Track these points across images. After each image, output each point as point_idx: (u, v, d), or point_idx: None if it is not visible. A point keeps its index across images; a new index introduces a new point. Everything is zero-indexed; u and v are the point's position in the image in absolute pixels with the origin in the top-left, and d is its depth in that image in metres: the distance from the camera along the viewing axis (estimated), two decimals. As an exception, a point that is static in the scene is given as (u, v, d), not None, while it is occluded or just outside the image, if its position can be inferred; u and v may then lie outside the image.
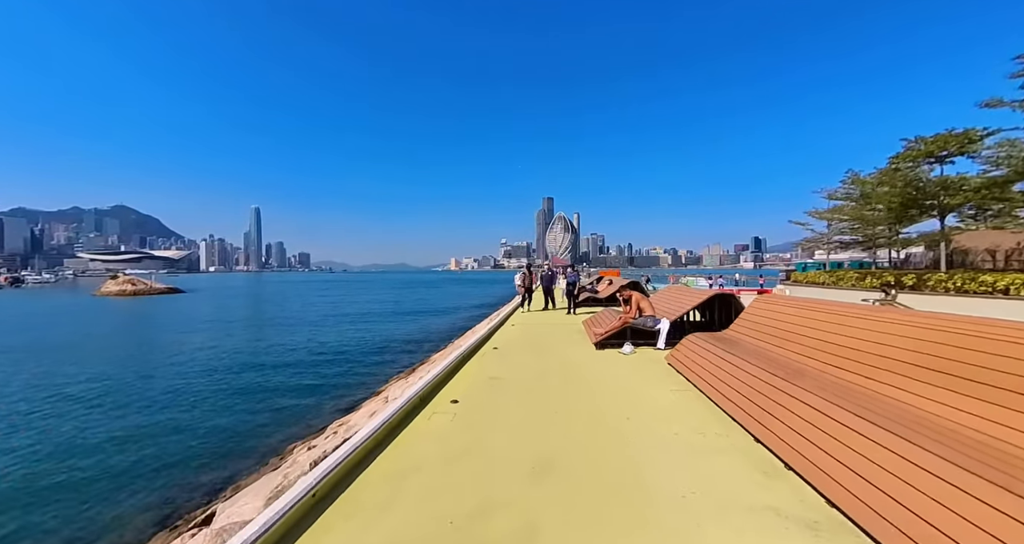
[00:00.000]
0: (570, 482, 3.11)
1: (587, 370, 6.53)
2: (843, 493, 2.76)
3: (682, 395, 5.24)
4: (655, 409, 4.72)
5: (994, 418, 2.74)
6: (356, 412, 8.53)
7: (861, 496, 2.63)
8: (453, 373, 6.33)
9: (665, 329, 7.79)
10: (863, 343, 4.28)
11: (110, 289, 60.38)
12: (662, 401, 5.02)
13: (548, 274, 15.52)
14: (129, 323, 29.23)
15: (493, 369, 6.64)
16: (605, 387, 5.61)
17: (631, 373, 6.33)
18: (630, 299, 8.13)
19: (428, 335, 20.37)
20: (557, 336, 9.79)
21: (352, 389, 11.68)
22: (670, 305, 8.64)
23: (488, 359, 7.40)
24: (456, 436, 4.04)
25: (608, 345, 8.11)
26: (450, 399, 5.05)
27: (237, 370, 13.96)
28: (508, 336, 9.94)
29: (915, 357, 3.54)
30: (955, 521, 2.13)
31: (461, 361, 7.05)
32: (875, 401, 3.44)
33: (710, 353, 5.71)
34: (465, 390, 5.48)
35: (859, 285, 16.02)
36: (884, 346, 3.92)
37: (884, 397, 3.53)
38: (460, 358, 7.08)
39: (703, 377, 5.46)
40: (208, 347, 18.43)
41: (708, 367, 5.50)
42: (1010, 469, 2.23)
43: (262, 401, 10.87)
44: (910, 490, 2.40)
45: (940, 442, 2.59)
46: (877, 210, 17.81)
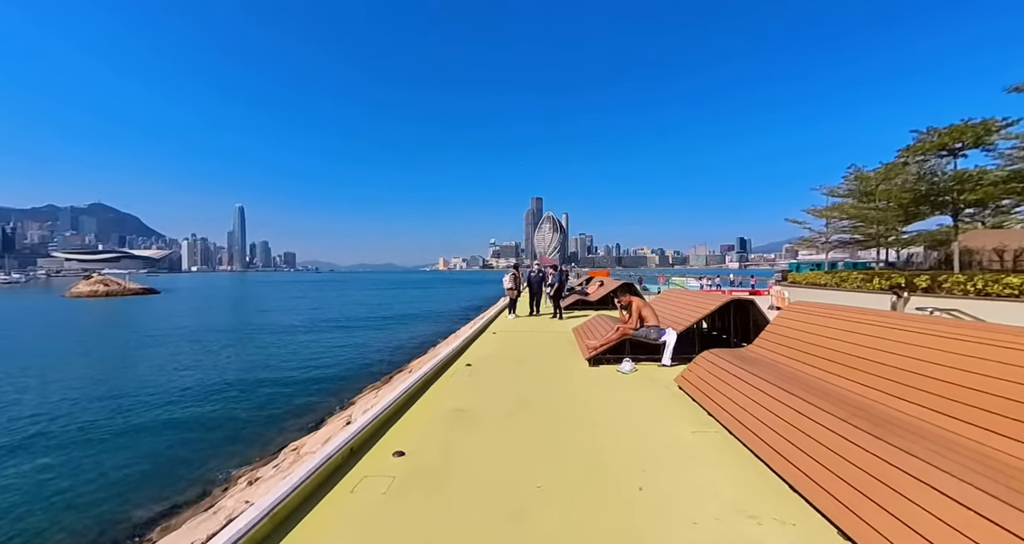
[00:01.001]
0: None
1: (579, 397, 5.21)
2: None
3: (705, 438, 3.95)
4: (674, 464, 3.41)
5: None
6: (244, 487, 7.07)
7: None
8: (407, 405, 4.94)
9: (672, 342, 6.52)
10: (947, 371, 3.07)
11: (81, 290, 57.89)
12: (681, 448, 3.72)
13: (537, 275, 13.50)
14: (85, 327, 27.18)
15: (460, 396, 5.28)
16: (604, 424, 4.30)
17: (635, 401, 5.02)
18: (629, 306, 6.85)
19: (403, 343, 18.65)
20: (543, 347, 8.48)
21: (283, 421, 9.43)
22: (675, 312, 7.38)
23: (457, 381, 6.03)
24: (391, 521, 2.68)
25: (603, 360, 6.82)
26: (392, 450, 3.68)
27: (171, 392, 11.72)
28: (486, 348, 8.59)
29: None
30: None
31: (422, 386, 5.67)
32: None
33: (736, 378, 4.43)
34: (416, 433, 4.11)
35: (865, 287, 15.00)
36: (973, 375, 2.71)
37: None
38: (421, 382, 5.70)
39: (730, 411, 4.17)
40: (161, 355, 16.73)
41: (736, 398, 4.21)
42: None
43: (178, 432, 9.18)
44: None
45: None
46: (880, 208, 16.87)
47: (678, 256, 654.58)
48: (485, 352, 8.13)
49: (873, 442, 2.67)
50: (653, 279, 38.95)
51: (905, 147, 14.73)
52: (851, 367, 4.06)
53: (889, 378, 3.60)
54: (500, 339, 9.56)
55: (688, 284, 37.08)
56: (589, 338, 7.65)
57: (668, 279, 40.62)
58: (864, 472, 2.56)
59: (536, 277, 13.47)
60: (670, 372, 6.26)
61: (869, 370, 3.91)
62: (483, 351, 8.23)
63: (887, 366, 3.69)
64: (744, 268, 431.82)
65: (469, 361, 7.23)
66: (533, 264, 14.33)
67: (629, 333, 6.64)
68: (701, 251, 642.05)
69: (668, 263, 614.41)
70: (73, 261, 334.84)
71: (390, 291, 67.96)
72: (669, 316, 7.21)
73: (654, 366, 6.65)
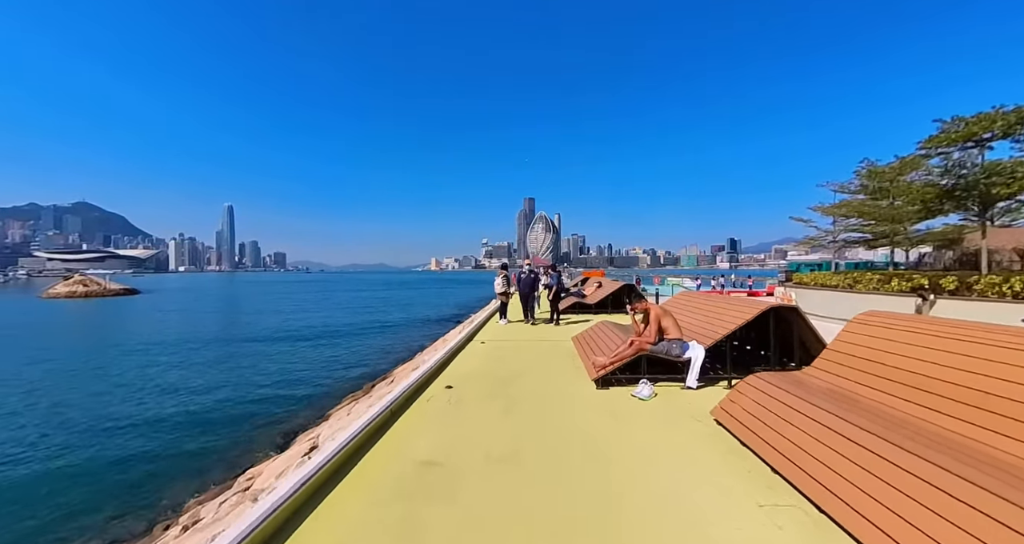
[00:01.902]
0: None
1: (589, 439, 3.95)
2: None
3: (783, 517, 2.70)
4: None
5: None
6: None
7: None
8: (359, 453, 3.65)
9: (699, 360, 5.30)
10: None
11: (58, 291, 55.92)
12: (756, 540, 2.47)
13: (529, 276, 11.51)
14: (47, 331, 25.41)
15: (433, 437, 3.99)
16: (627, 489, 3.04)
17: (665, 447, 3.77)
18: (646, 314, 5.62)
19: (380, 354, 16.84)
20: (539, 361, 7.22)
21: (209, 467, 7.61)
22: (697, 322, 6.16)
23: (432, 412, 4.75)
24: None
25: (613, 381, 5.58)
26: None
27: (104, 417, 9.95)
28: (472, 361, 7.31)
29: None
30: None
31: (386, 420, 4.38)
32: None
33: (814, 422, 3.20)
34: (360, 511, 2.82)
35: (883, 289, 13.92)
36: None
37: None
38: (387, 413, 4.41)
39: (813, 473, 2.93)
40: (116, 367, 15.21)
41: (821, 454, 2.97)
42: None
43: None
44: None
45: None
46: (895, 204, 15.88)
47: (669, 256, 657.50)
48: (471, 367, 6.85)
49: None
50: (647, 279, 37.93)
51: (927, 138, 13.70)
52: (980, 409, 2.87)
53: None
54: (489, 350, 8.28)
55: (683, 284, 36.13)
56: (594, 352, 6.41)
57: (664, 279, 39.62)
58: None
59: (528, 279, 11.51)
60: (698, 398, 5.04)
61: (1007, 412, 2.73)
62: (468, 366, 6.95)
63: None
64: (734, 268, 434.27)
65: (451, 381, 5.95)
66: (524, 264, 12.36)
67: (646, 348, 5.40)
68: (692, 251, 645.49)
69: (660, 263, 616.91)
70: (56, 261, 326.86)
71: (378, 292, 66.28)
72: (691, 326, 5.99)
73: (676, 388, 5.43)
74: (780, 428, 3.40)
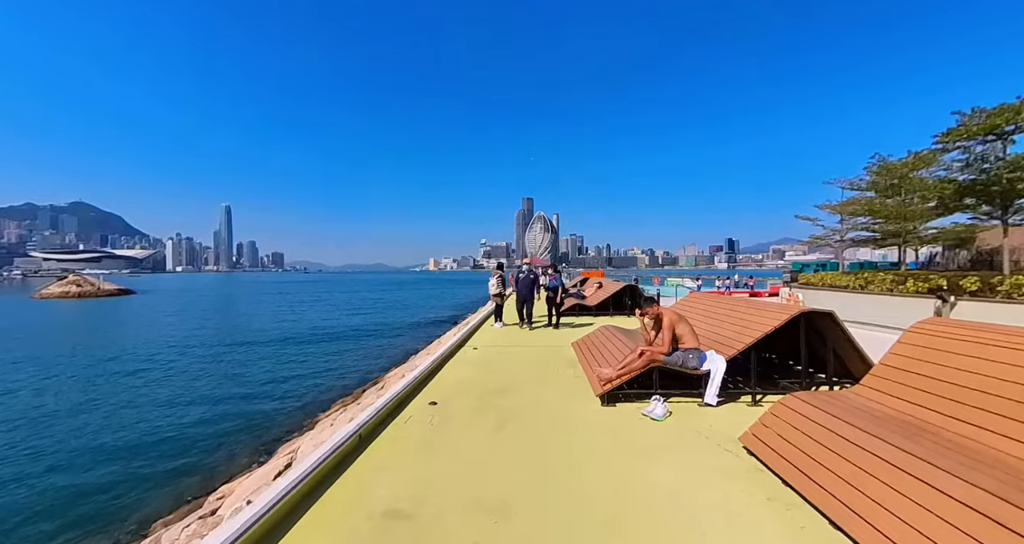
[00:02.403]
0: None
1: (596, 478, 3.22)
2: None
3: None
4: None
5: None
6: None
7: None
8: (308, 499, 2.92)
9: (720, 373, 4.59)
10: None
11: (52, 291, 55.08)
12: None
13: (527, 277, 10.40)
14: (30, 333, 24.59)
15: (402, 476, 3.25)
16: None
17: (689, 487, 3.04)
18: (658, 320, 4.91)
19: (366, 360, 15.94)
20: (536, 371, 6.50)
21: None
22: (714, 328, 5.45)
23: (406, 440, 4.01)
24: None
25: (621, 396, 4.87)
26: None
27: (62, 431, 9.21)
28: (462, 371, 6.59)
29: None
30: None
31: (350, 451, 3.65)
32: None
33: (888, 464, 2.48)
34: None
35: (898, 290, 13.24)
36: None
37: None
38: (347, 445, 3.67)
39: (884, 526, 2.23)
40: (90, 374, 14.44)
41: (903, 509, 2.27)
42: None
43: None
44: None
45: None
46: (908, 201, 15.21)
47: (668, 256, 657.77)
48: (460, 378, 6.13)
49: None
50: (647, 279, 37.28)
51: (944, 132, 12.99)
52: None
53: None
54: (482, 358, 7.56)
55: (683, 285, 35.41)
56: (598, 361, 5.70)
57: (664, 279, 38.87)
58: None
59: (527, 279, 10.45)
60: (721, 418, 4.33)
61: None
62: (458, 376, 6.24)
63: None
64: (733, 268, 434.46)
65: (436, 395, 5.23)
66: (522, 263, 11.23)
67: (659, 359, 4.69)
68: (690, 252, 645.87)
69: (658, 263, 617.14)
70: (52, 261, 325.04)
71: (375, 293, 65.45)
72: (707, 334, 5.29)
73: (692, 405, 4.73)
74: (840, 469, 2.69)
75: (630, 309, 13.90)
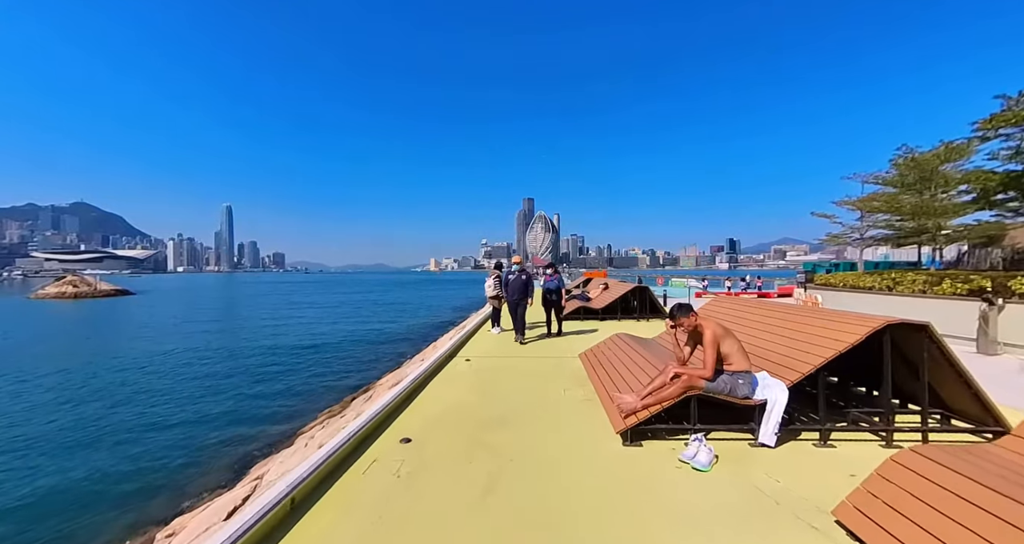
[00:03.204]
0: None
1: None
2: None
3: None
4: None
5: None
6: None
7: None
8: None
9: (781, 405, 3.49)
10: None
11: (48, 291, 54.34)
12: None
13: (519, 279, 8.75)
14: (11, 334, 23.53)
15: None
16: None
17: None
18: (697, 334, 3.81)
19: (347, 373, 14.55)
20: (538, 391, 5.40)
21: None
22: (762, 343, 4.35)
23: (361, 502, 2.91)
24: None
25: (648, 432, 3.77)
26: None
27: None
28: (450, 391, 5.49)
29: None
30: None
31: (276, 525, 2.56)
32: None
33: None
34: None
35: (933, 291, 12.08)
36: None
37: None
38: (274, 514, 2.58)
39: None
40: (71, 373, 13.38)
41: None
42: None
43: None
44: None
45: None
46: (940, 195, 14.11)
47: (669, 257, 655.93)
48: (445, 402, 5.04)
49: None
50: (651, 280, 36.13)
51: (986, 118, 11.88)
52: None
53: None
54: (474, 372, 6.46)
55: (689, 284, 34.20)
56: (615, 384, 4.60)
57: (668, 279, 37.66)
58: None
59: (519, 282, 8.71)
60: (784, 467, 3.23)
61: None
62: (443, 399, 5.14)
63: None
64: (734, 268, 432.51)
65: (411, 428, 4.14)
66: (512, 262, 9.27)
67: (700, 386, 3.59)
68: (691, 252, 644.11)
69: (659, 264, 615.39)
70: (53, 261, 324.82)
71: (373, 294, 64.18)
72: (752, 351, 4.18)
73: (742, 444, 3.64)
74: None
75: (640, 313, 12.79)
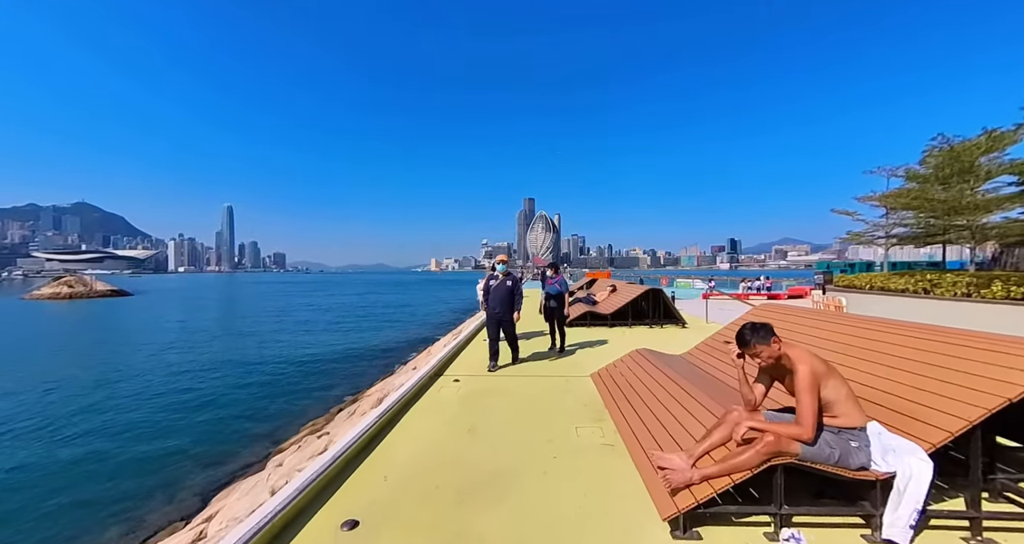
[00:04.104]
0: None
1: None
2: None
3: None
4: None
5: None
6: None
7: None
8: None
9: (925, 483, 2.24)
10: None
11: (43, 292, 53.63)
12: None
13: (503, 285, 6.55)
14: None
15: None
16: None
17: None
18: (781, 367, 2.54)
19: (349, 382, 13.50)
20: (541, 431, 4.11)
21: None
22: (860, 377, 3.08)
23: None
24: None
25: (707, 515, 2.52)
26: None
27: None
28: (422, 432, 4.21)
29: None
30: None
31: None
32: None
33: None
34: None
35: (981, 295, 10.81)
36: None
37: None
38: None
39: None
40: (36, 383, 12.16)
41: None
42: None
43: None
44: None
45: None
46: (980, 189, 12.86)
47: (669, 257, 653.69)
48: (419, 445, 3.78)
49: None
50: (654, 280, 34.85)
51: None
52: None
53: None
54: (461, 400, 5.19)
55: (694, 286, 32.83)
56: (647, 430, 3.35)
57: (672, 280, 36.26)
58: None
59: (502, 289, 6.49)
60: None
61: None
62: (417, 440, 3.88)
63: None
64: (735, 269, 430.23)
65: (366, 492, 2.90)
66: (496, 262, 6.93)
67: (795, 452, 2.33)
68: (692, 252, 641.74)
69: (660, 264, 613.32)
70: (54, 261, 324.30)
71: (369, 295, 62.62)
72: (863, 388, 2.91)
73: (853, 535, 2.39)
74: None
75: (654, 318, 11.49)
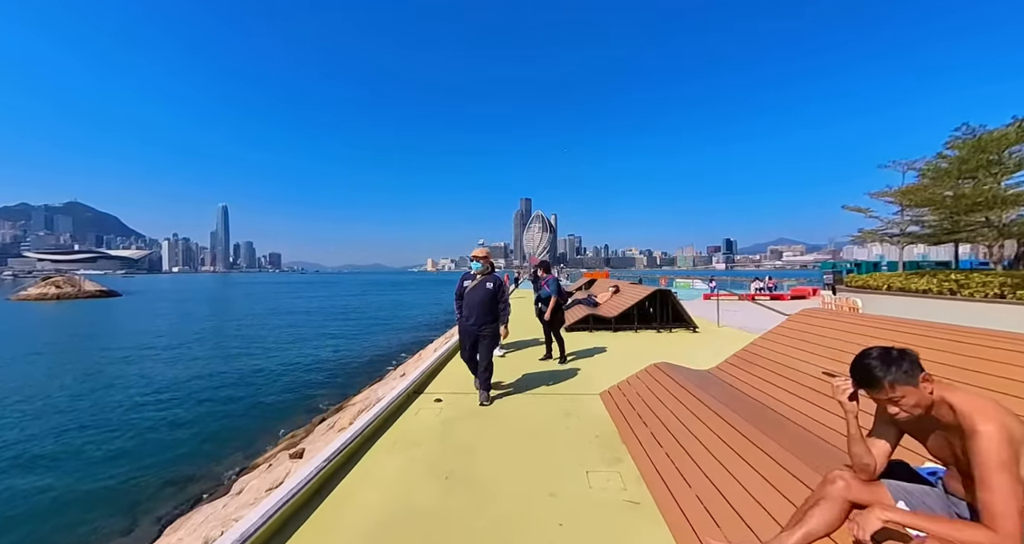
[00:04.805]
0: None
1: None
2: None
3: None
4: None
5: None
6: None
7: None
8: None
9: None
10: None
11: (30, 293, 52.19)
12: None
13: (483, 288, 4.96)
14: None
15: None
16: None
17: None
18: (936, 421, 1.58)
19: (329, 394, 12.73)
20: (541, 478, 3.13)
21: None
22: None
23: None
24: None
25: None
26: None
27: None
28: (389, 476, 3.22)
29: None
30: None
31: None
32: None
33: None
34: None
35: (1016, 297, 9.93)
36: None
37: None
38: None
39: None
40: None
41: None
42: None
43: None
44: None
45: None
46: (1008, 183, 12.06)
47: (666, 257, 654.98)
48: (381, 497, 2.82)
49: None
50: (653, 281, 33.89)
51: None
52: None
53: None
54: (442, 424, 4.22)
55: (694, 286, 31.96)
56: (687, 486, 2.41)
57: (671, 280, 35.37)
58: None
59: (482, 295, 4.95)
60: None
61: None
62: (379, 489, 2.92)
63: None
64: (730, 269, 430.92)
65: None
66: (472, 258, 5.15)
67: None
68: (688, 252, 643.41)
69: (656, 264, 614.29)
70: (46, 261, 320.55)
71: (362, 296, 61.28)
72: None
73: None
74: None
75: (661, 321, 10.53)
